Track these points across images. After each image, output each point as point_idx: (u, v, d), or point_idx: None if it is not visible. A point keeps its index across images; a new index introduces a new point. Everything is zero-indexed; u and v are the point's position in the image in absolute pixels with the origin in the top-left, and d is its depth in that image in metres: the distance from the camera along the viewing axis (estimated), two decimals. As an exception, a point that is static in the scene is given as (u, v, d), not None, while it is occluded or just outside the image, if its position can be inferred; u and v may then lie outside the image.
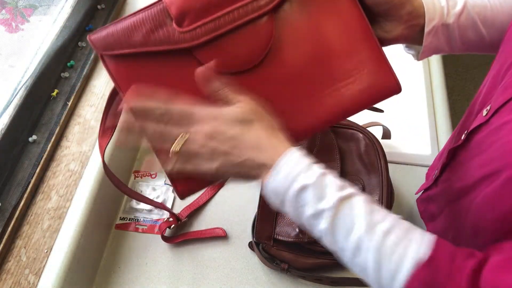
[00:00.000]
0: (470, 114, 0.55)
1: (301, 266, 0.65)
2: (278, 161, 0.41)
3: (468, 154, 0.50)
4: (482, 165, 0.46)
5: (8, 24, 0.82)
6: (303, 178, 0.40)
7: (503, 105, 0.44)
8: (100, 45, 0.45)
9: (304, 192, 0.40)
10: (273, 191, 0.42)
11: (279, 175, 0.41)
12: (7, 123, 0.70)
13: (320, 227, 0.40)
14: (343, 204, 0.39)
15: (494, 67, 0.50)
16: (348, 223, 0.39)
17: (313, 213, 0.40)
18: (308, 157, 0.43)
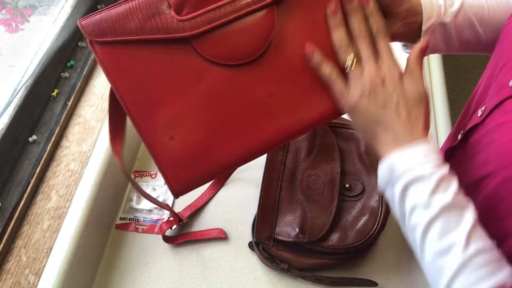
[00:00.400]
0: (466, 113, 0.55)
1: (301, 266, 0.65)
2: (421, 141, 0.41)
3: (465, 154, 0.51)
4: (479, 166, 0.47)
5: (8, 24, 0.82)
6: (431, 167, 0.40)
7: (497, 106, 0.44)
8: (91, 31, 0.43)
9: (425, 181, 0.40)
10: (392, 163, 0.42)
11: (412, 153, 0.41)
12: (7, 123, 0.70)
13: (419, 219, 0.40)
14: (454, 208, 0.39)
15: (489, 67, 0.51)
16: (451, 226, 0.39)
17: (420, 203, 0.40)
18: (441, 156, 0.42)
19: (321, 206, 0.66)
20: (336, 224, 0.66)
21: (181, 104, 0.45)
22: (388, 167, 0.42)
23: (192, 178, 0.46)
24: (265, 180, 0.69)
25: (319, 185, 0.68)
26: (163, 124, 0.45)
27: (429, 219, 0.39)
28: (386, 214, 0.65)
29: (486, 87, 0.50)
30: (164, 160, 0.45)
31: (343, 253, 0.64)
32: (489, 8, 0.51)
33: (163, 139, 0.45)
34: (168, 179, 0.46)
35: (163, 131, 0.45)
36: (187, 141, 0.45)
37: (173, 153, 0.45)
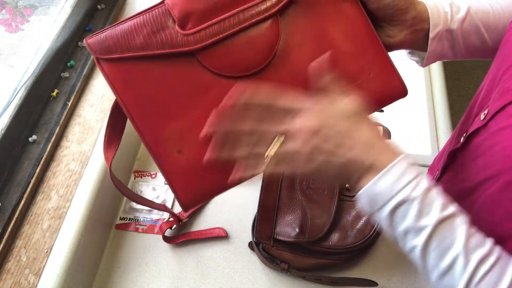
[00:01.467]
0: (469, 116, 0.55)
1: (301, 266, 0.65)
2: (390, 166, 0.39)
3: (467, 157, 0.51)
4: (481, 168, 0.47)
5: (8, 24, 0.82)
6: (409, 190, 0.38)
7: (500, 110, 0.44)
8: (97, 49, 0.43)
9: (407, 205, 0.39)
10: (371, 195, 0.40)
11: (386, 181, 0.39)
12: (7, 123, 0.70)
13: (414, 243, 0.39)
14: (444, 224, 0.38)
15: (492, 70, 0.51)
16: (446, 244, 0.38)
17: (410, 227, 0.39)
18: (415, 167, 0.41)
19: (321, 206, 0.66)
20: (336, 224, 0.66)
21: (188, 117, 0.44)
22: (367, 199, 0.41)
23: (201, 191, 0.46)
24: (265, 180, 0.69)
25: (319, 185, 0.68)
26: (170, 138, 0.45)
27: (423, 242, 0.39)
28: (386, 214, 0.65)
29: (488, 90, 0.50)
30: (173, 173, 0.45)
31: (343, 253, 0.64)
32: (494, 13, 0.51)
33: (171, 152, 0.45)
34: (177, 192, 0.46)
35: (171, 145, 0.45)
36: (195, 154, 0.45)
37: (181, 166, 0.45)
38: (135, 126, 0.45)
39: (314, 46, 0.46)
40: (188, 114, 0.44)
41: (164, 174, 0.45)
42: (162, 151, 0.45)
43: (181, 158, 0.45)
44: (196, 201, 0.46)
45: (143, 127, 0.45)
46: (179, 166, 0.45)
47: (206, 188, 0.46)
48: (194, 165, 0.45)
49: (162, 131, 0.45)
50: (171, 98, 0.44)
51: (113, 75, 0.44)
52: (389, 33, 0.50)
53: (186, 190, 0.45)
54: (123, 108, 0.44)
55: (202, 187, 0.45)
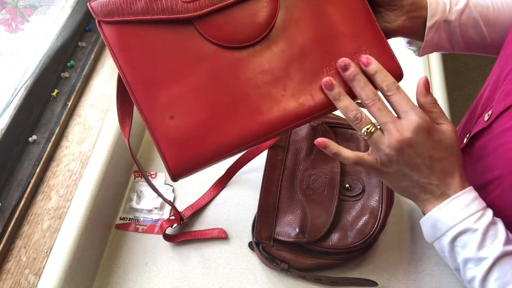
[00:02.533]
0: (472, 117, 0.55)
1: (301, 266, 0.65)
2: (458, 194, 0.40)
3: (471, 158, 0.51)
4: (485, 170, 0.47)
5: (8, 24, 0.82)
6: (473, 220, 0.39)
7: (505, 111, 0.44)
8: (100, 11, 0.44)
9: (469, 235, 0.39)
10: (436, 220, 0.41)
11: (452, 208, 0.40)
12: (7, 123, 0.70)
13: (474, 273, 0.40)
14: (507, 258, 0.39)
15: (495, 71, 0.51)
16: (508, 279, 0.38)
17: (470, 257, 0.39)
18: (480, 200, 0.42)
19: (321, 206, 0.66)
20: (336, 224, 0.66)
21: (183, 84, 0.45)
22: (430, 224, 0.42)
23: (190, 159, 0.46)
24: (265, 180, 0.69)
25: (319, 185, 0.68)
26: (164, 103, 0.45)
27: (484, 273, 0.39)
28: (386, 214, 0.65)
29: (492, 91, 0.50)
30: (163, 139, 0.45)
31: (343, 253, 0.64)
32: (494, 8, 0.51)
33: (163, 118, 0.45)
34: (166, 159, 0.46)
35: (163, 110, 0.45)
36: (187, 121, 0.45)
37: (172, 132, 0.45)
38: (129, 90, 0.45)
39: (311, 23, 0.46)
40: (183, 80, 0.45)
41: (154, 140, 0.46)
42: (154, 116, 0.45)
43: (173, 124, 0.45)
44: (185, 170, 0.46)
45: (137, 90, 0.45)
46: (170, 132, 0.45)
47: (196, 156, 0.46)
48: (185, 131, 0.45)
49: (155, 96, 0.45)
50: (167, 64, 0.45)
51: (113, 37, 0.45)
52: (387, 18, 0.50)
53: (175, 157, 0.46)
54: (119, 71, 0.45)
55: (192, 155, 0.46)
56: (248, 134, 0.46)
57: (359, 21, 0.47)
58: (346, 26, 0.47)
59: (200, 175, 0.80)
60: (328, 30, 0.46)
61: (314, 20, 0.46)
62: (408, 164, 0.41)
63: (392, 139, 0.41)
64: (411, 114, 0.41)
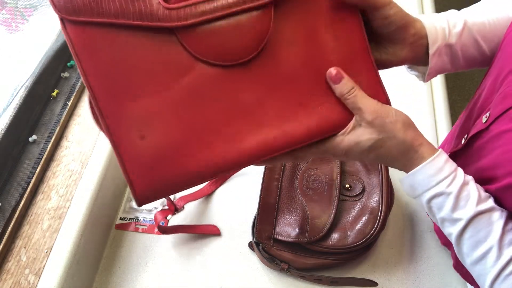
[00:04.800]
0: (469, 118, 0.55)
1: (301, 266, 0.65)
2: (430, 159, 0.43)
3: (468, 159, 0.51)
4: (482, 171, 0.47)
5: (8, 24, 0.82)
6: (445, 184, 0.42)
7: (503, 113, 0.44)
8: (63, 7, 0.37)
9: (444, 198, 0.42)
10: (412, 183, 0.44)
11: (425, 172, 0.43)
12: (7, 123, 0.70)
13: (450, 230, 0.43)
14: (480, 218, 0.41)
15: (492, 73, 0.51)
16: (480, 237, 0.41)
17: (446, 217, 0.43)
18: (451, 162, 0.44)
19: (321, 206, 0.66)
20: (336, 224, 0.66)
21: (158, 100, 0.40)
22: (408, 184, 0.45)
23: (160, 185, 0.41)
24: (265, 180, 0.69)
25: (319, 185, 0.68)
26: (134, 120, 0.40)
27: (458, 232, 0.42)
28: (386, 214, 0.65)
29: (489, 93, 0.50)
30: (131, 161, 0.40)
31: (343, 253, 0.64)
32: (490, 23, 0.51)
33: (133, 137, 0.40)
34: (132, 183, 0.40)
35: (133, 128, 0.40)
36: (159, 142, 0.40)
37: (141, 154, 0.40)
38: (94, 101, 0.39)
39: (305, 46, 0.43)
40: (159, 96, 0.40)
41: (120, 161, 0.40)
42: (121, 133, 0.40)
43: (143, 144, 0.40)
44: (153, 196, 0.41)
45: (103, 102, 0.39)
46: (139, 153, 0.40)
47: (166, 182, 0.41)
48: (156, 154, 0.40)
49: (125, 110, 0.39)
50: (141, 75, 0.39)
51: (77, 39, 0.38)
52: (390, 51, 0.50)
53: (143, 182, 0.40)
54: (82, 77, 0.39)
55: (163, 181, 0.41)
56: (225, 162, 0.42)
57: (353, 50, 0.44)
58: (340, 53, 0.44)
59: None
60: (320, 57, 0.43)
61: (306, 43, 0.43)
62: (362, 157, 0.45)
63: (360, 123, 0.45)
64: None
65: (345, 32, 0.44)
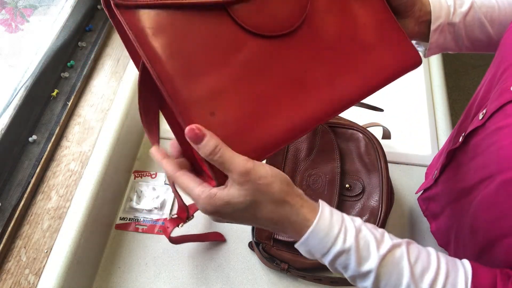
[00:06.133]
0: (467, 116, 0.55)
1: (301, 266, 0.65)
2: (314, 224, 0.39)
3: (466, 156, 0.51)
4: (479, 168, 0.47)
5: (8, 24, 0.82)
6: (341, 242, 0.38)
7: (498, 110, 0.44)
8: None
9: (345, 256, 0.39)
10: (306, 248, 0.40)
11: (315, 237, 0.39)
12: (7, 123, 0.70)
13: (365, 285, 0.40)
14: (385, 262, 0.38)
15: (490, 70, 0.51)
16: (394, 282, 0.38)
17: (356, 274, 0.39)
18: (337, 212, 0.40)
19: (321, 206, 0.66)
20: (336, 224, 0.66)
21: (219, 76, 0.41)
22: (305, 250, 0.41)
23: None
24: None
25: (319, 185, 0.68)
26: (201, 99, 0.40)
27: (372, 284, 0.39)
28: (386, 214, 0.65)
29: (487, 91, 0.50)
30: None
31: (343, 253, 0.64)
32: (500, 8, 0.52)
33: (204, 115, 0.39)
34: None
35: (202, 106, 0.40)
36: (229, 117, 0.40)
37: (215, 131, 0.39)
38: (160, 84, 0.39)
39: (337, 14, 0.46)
40: (219, 73, 0.40)
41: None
42: (191, 114, 0.39)
43: (214, 121, 0.40)
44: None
45: (168, 84, 0.39)
46: (213, 130, 0.40)
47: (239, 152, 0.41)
48: (229, 128, 0.40)
49: (191, 91, 0.39)
50: (199, 54, 0.40)
51: (135, 24, 0.38)
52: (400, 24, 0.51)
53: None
54: (147, 63, 0.38)
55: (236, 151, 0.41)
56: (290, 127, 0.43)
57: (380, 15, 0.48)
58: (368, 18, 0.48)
59: (200, 175, 0.80)
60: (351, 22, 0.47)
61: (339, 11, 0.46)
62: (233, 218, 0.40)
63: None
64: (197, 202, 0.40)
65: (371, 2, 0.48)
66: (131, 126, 0.79)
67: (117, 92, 0.80)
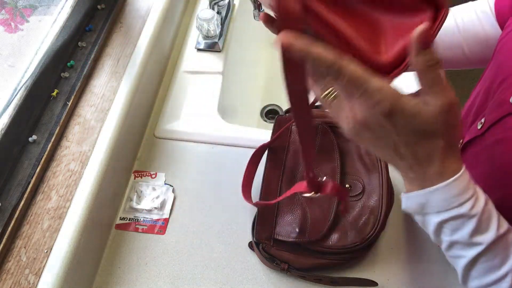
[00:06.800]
0: (464, 123, 0.55)
1: (301, 266, 0.65)
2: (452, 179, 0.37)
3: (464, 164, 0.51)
4: (478, 179, 0.47)
5: (7, 24, 0.82)
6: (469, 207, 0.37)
7: (497, 121, 0.44)
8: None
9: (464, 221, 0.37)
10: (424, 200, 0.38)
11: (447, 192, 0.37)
12: (7, 123, 0.70)
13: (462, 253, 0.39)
14: (498, 242, 0.38)
15: (486, 79, 0.51)
16: (496, 262, 0.38)
17: (461, 240, 0.38)
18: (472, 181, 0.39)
19: (321, 206, 0.66)
20: (336, 224, 0.66)
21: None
22: (417, 202, 0.39)
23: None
24: (265, 180, 0.69)
25: (319, 185, 0.68)
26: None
27: (473, 256, 0.38)
28: (386, 214, 0.65)
29: (484, 99, 0.50)
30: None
31: (343, 253, 0.64)
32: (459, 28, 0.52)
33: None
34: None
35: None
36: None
37: None
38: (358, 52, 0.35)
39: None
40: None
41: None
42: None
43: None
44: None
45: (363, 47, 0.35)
46: None
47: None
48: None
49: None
50: None
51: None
52: None
53: None
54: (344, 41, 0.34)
55: None
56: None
57: None
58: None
59: (200, 176, 0.81)
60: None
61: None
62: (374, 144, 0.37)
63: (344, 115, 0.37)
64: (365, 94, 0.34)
65: None
66: (131, 126, 0.79)
67: (117, 92, 0.80)
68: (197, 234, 0.74)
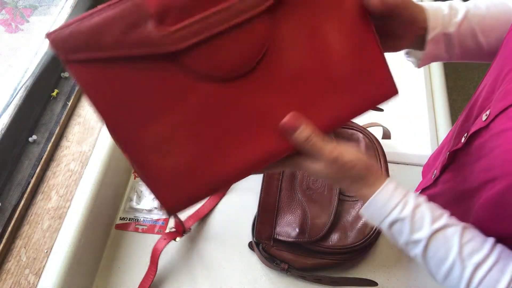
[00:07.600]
0: (469, 116, 0.55)
1: (301, 266, 0.65)
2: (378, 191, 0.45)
3: (469, 157, 0.51)
4: (483, 170, 0.47)
5: (7, 24, 0.82)
6: (398, 211, 0.44)
7: (502, 111, 0.44)
8: (62, 47, 0.38)
9: (400, 223, 0.44)
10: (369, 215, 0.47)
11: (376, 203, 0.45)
12: (7, 123, 0.70)
13: (415, 251, 0.45)
14: (437, 236, 0.43)
15: (493, 71, 0.51)
16: (441, 254, 0.43)
17: (407, 241, 0.45)
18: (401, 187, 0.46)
19: (321, 206, 0.66)
20: (336, 224, 0.66)
21: (170, 122, 0.41)
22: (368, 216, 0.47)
23: (186, 197, 0.44)
24: (265, 180, 0.69)
25: (319, 185, 0.68)
26: (152, 144, 0.41)
27: (421, 252, 0.44)
28: (386, 214, 0.65)
29: (490, 91, 0.50)
30: (156, 180, 0.42)
31: (343, 253, 0.64)
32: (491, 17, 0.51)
33: (153, 159, 0.42)
34: (161, 200, 0.43)
35: (152, 151, 0.41)
36: (179, 160, 0.42)
37: (164, 173, 0.42)
38: (112, 133, 0.41)
39: (307, 45, 0.43)
40: (170, 119, 0.41)
41: (147, 181, 0.42)
42: (143, 157, 0.42)
43: (164, 164, 0.42)
44: (180, 207, 0.44)
45: (120, 133, 0.41)
46: (162, 172, 0.42)
47: (191, 193, 0.44)
48: (178, 170, 0.42)
49: (142, 137, 0.41)
50: (149, 102, 0.40)
51: (83, 77, 0.39)
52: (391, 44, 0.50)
53: (170, 197, 0.43)
54: (97, 114, 0.40)
55: (187, 193, 0.43)
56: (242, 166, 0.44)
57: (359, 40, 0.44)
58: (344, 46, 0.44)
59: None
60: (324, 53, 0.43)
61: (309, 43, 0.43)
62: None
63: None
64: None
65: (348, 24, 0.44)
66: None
67: (117, 92, 0.80)
68: (197, 234, 0.73)
